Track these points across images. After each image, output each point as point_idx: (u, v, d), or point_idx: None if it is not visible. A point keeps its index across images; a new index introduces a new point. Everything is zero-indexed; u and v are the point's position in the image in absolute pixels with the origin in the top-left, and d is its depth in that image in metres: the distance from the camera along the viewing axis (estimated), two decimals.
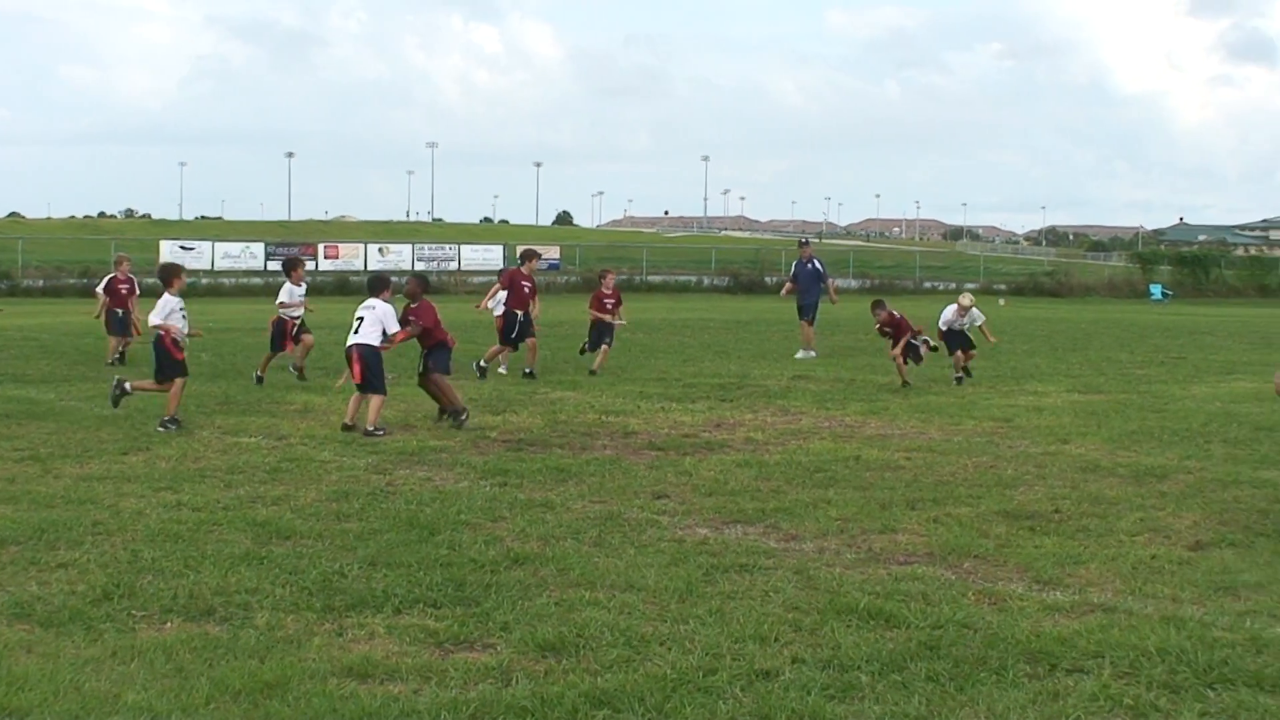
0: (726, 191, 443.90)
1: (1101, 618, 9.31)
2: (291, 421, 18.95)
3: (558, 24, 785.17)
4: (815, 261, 33.25)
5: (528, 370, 26.01)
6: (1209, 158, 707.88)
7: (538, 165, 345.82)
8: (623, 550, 11.26)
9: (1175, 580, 10.38)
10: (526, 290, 26.62)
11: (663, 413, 20.45)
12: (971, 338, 26.04)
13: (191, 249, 79.86)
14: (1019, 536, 11.94)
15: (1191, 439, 18.03)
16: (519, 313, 26.29)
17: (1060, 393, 23.71)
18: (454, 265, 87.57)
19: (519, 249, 31.57)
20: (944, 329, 25.77)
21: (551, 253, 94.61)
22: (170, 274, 19.59)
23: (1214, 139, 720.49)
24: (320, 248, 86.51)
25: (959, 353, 25.57)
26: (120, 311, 29.27)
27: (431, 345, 19.76)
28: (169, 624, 9.06)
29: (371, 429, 17.73)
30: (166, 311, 18.84)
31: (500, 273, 30.74)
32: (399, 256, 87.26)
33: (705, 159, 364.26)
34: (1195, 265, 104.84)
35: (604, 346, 27.07)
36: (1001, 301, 71.25)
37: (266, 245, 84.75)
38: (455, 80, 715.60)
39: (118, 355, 28.73)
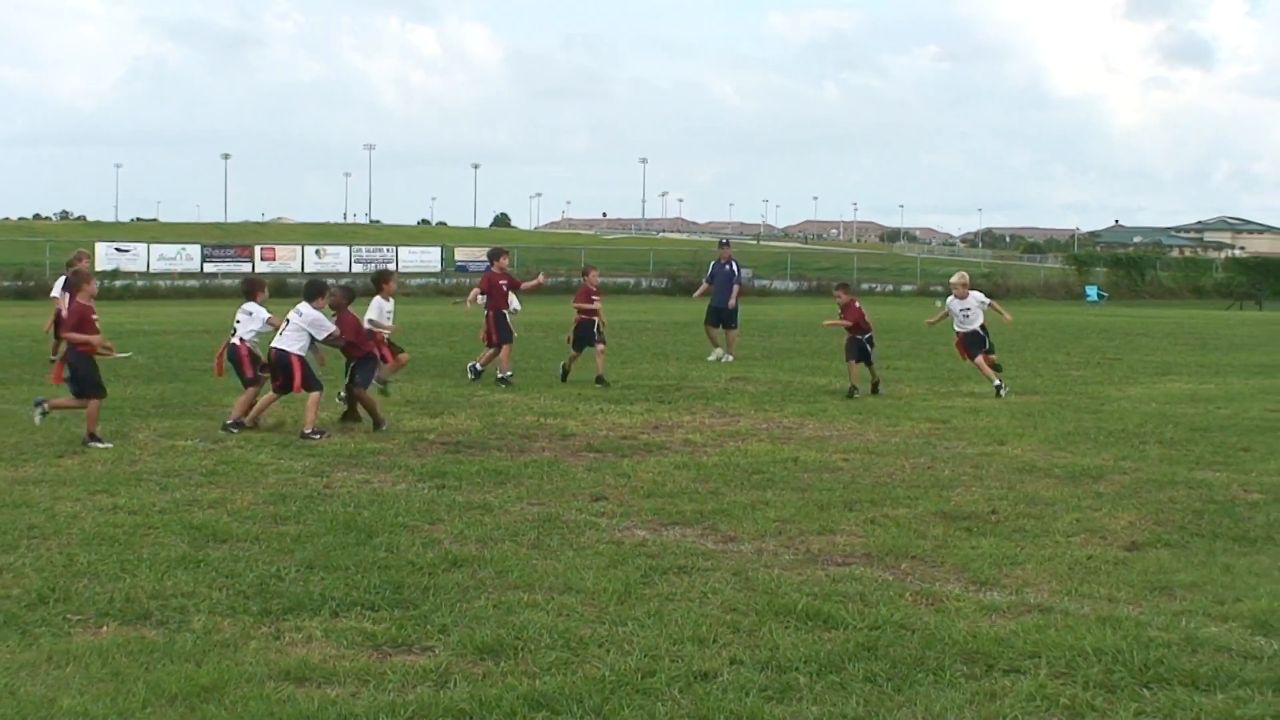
0: (665, 194, 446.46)
1: (1038, 618, 9.35)
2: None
3: (495, 25, 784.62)
4: (733, 264, 32.91)
5: (506, 374, 25.29)
6: (1144, 160, 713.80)
7: (475, 167, 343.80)
8: (561, 552, 11.25)
9: (1111, 580, 10.44)
10: (504, 288, 25.99)
11: (601, 415, 20.44)
12: (985, 334, 24.96)
13: (127, 251, 79.46)
14: (956, 537, 11.99)
15: (1127, 440, 18.14)
16: (506, 312, 25.63)
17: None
18: (392, 267, 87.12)
19: (489, 249, 30.71)
20: (958, 330, 24.99)
21: None
22: (255, 287, 19.84)
23: (1149, 141, 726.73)
24: (257, 250, 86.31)
25: (979, 358, 24.42)
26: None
27: (358, 357, 19.39)
28: (105, 628, 9.00)
29: (309, 431, 17.64)
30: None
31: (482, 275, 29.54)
32: (336, 259, 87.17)
33: (643, 161, 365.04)
34: (1130, 267, 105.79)
35: (600, 346, 25.71)
36: (938, 304, 71.41)
37: (203, 247, 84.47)
38: (393, 82, 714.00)
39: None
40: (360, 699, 7.61)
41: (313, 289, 19.39)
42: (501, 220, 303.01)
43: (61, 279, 28.42)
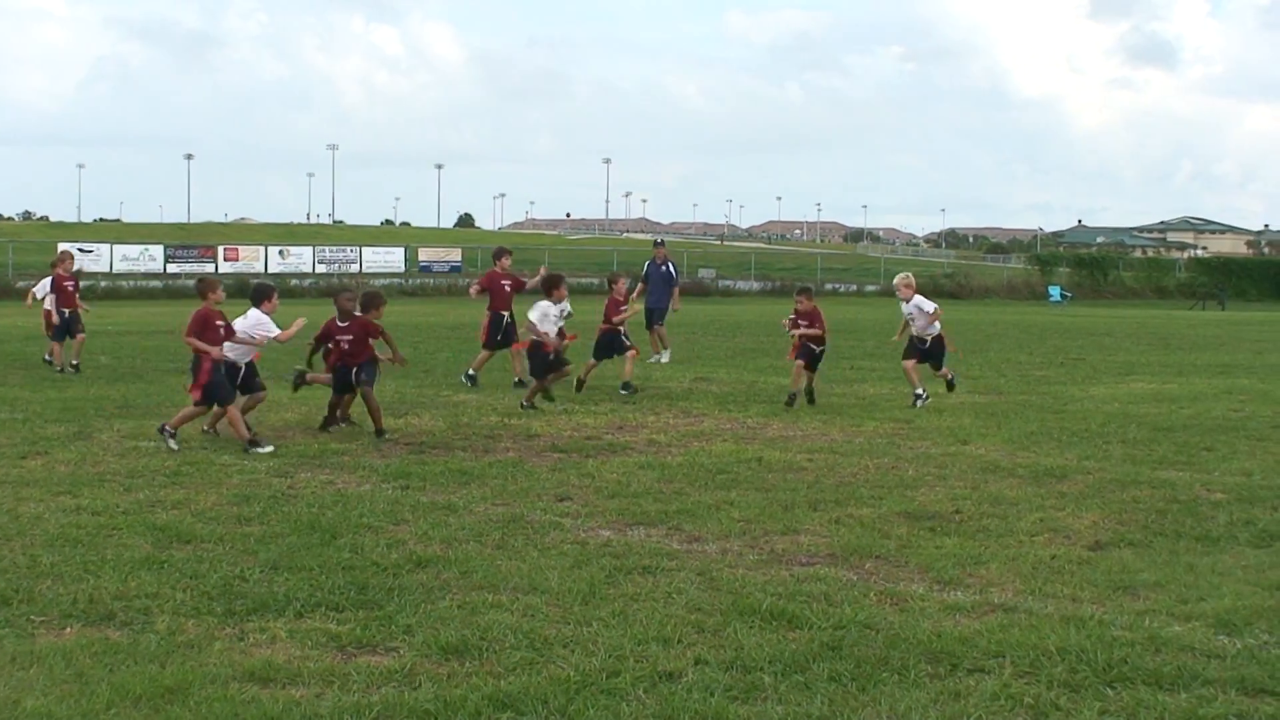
0: (628, 194, 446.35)
1: (1002, 617, 9.38)
2: (192, 424, 18.75)
3: (459, 26, 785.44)
4: (669, 264, 32.57)
5: (518, 380, 24.61)
6: (1107, 160, 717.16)
7: (439, 167, 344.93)
8: (526, 553, 11.24)
9: (1075, 580, 10.47)
10: (508, 290, 25.35)
11: (565, 415, 20.43)
12: (925, 344, 22.92)
13: (90, 251, 78.97)
14: (920, 537, 12.01)
15: (1090, 440, 18.20)
16: (504, 315, 25.08)
17: (961, 394, 23.85)
18: (355, 268, 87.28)
19: (494, 248, 29.31)
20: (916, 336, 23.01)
21: (453, 255, 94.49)
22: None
23: (1112, 142, 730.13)
24: (220, 250, 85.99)
25: (908, 363, 22.71)
26: (67, 312, 27.22)
27: (360, 362, 18.80)
28: (69, 629, 8.96)
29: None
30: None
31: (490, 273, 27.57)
32: (299, 259, 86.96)
33: (607, 161, 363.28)
34: (1093, 267, 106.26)
35: (631, 352, 24.06)
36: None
37: (166, 248, 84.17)
38: (356, 82, 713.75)
39: (74, 364, 26.82)
40: (325, 700, 7.59)
41: (259, 292, 18.97)
42: (465, 221, 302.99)
43: (47, 280, 28.11)
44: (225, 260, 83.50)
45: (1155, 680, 8.03)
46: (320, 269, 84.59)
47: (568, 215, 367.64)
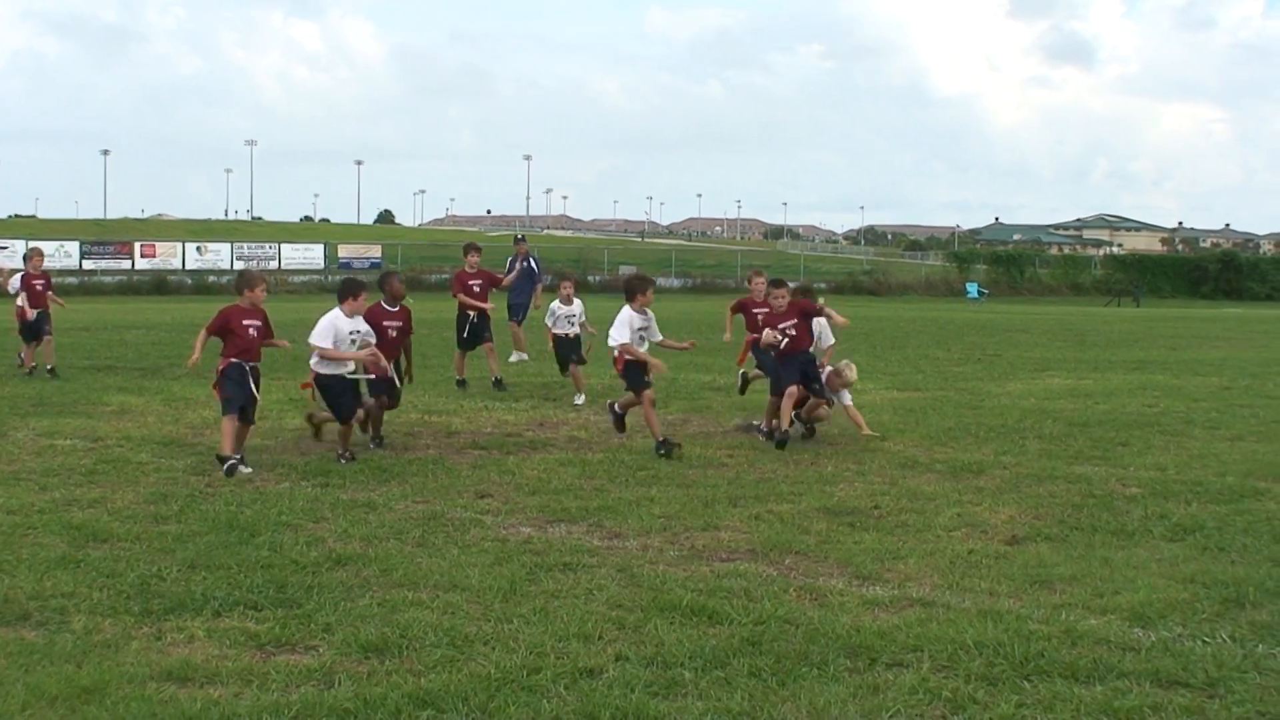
0: (549, 191, 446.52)
1: (920, 612, 9.43)
2: (108, 423, 18.64)
3: (380, 21, 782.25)
4: (531, 260, 32.02)
5: (495, 378, 23.93)
6: (1025, 158, 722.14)
7: (359, 164, 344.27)
8: (446, 550, 11.22)
9: (992, 574, 10.54)
10: (477, 290, 24.34)
11: (485, 412, 20.41)
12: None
13: (5, 248, 78.20)
14: (839, 532, 12.06)
15: (1007, 435, 18.32)
16: (471, 314, 24.10)
17: (879, 390, 23.97)
18: (275, 264, 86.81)
19: (463, 243, 27.74)
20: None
21: (373, 252, 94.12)
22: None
23: (1030, 139, 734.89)
24: (137, 246, 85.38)
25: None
26: (35, 313, 26.05)
27: (395, 355, 17.47)
28: None
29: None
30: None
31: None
32: (218, 256, 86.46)
33: (528, 158, 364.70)
34: (1010, 264, 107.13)
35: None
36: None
37: (82, 244, 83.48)
38: (275, 77, 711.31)
39: (33, 366, 25.92)
40: (243, 699, 7.55)
41: (346, 288, 16.59)
42: (385, 217, 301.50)
43: (17, 277, 27.19)
44: (142, 257, 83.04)
45: (1071, 673, 8.10)
46: (239, 265, 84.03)
47: (488, 212, 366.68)
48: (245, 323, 15.63)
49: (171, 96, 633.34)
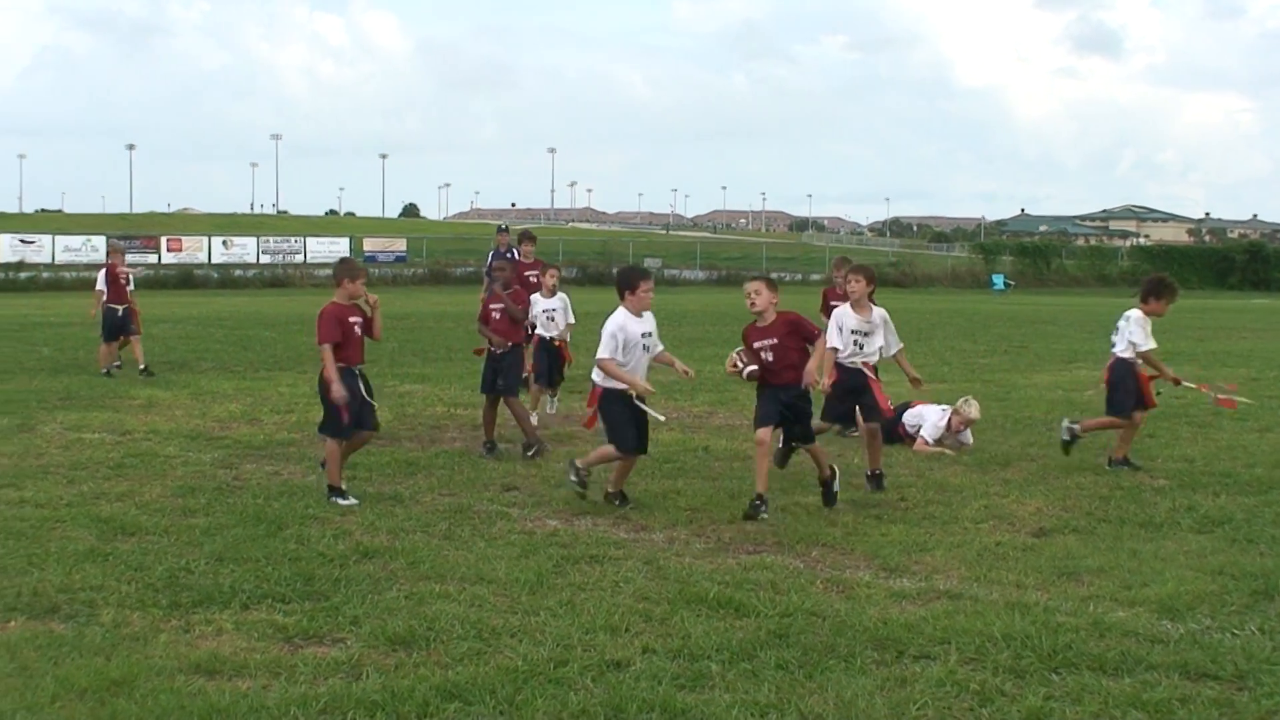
0: (574, 183, 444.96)
1: (947, 604, 9.42)
2: (135, 416, 18.68)
3: (404, 15, 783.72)
4: (514, 251, 31.32)
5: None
6: (1051, 149, 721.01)
7: (384, 157, 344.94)
8: (473, 543, 11.23)
9: (1019, 566, 10.52)
10: (534, 280, 21.56)
11: None
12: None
13: (32, 242, 78.63)
14: (866, 525, 12.05)
15: (1034, 427, 18.29)
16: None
17: (905, 382, 23.86)
18: (300, 258, 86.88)
19: (520, 231, 26.21)
20: None
21: (398, 245, 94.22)
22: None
23: (1056, 130, 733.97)
24: (163, 240, 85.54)
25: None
26: (120, 309, 25.33)
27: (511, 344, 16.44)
28: (13, 622, 8.90)
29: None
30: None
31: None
32: (244, 250, 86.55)
33: (552, 151, 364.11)
34: (1036, 255, 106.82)
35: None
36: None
37: (108, 238, 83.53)
38: (300, 71, 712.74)
39: (117, 364, 25.31)
40: (271, 692, 7.57)
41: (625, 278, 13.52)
42: (410, 210, 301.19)
43: (102, 272, 26.48)
44: (169, 251, 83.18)
45: (1099, 665, 8.08)
46: (264, 259, 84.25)
47: (513, 205, 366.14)
48: (351, 320, 13.50)
49: (196, 91, 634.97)
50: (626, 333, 13.06)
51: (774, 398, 12.99)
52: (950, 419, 16.97)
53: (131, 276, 26.48)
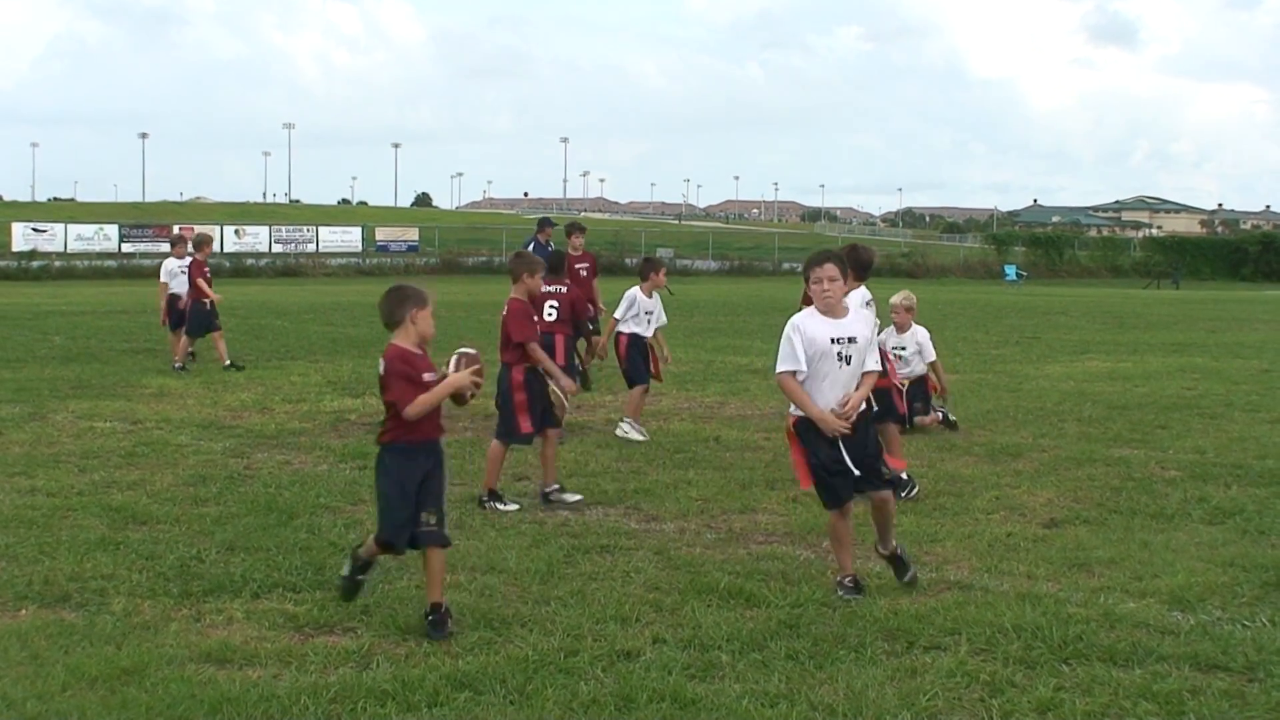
0: (586, 173, 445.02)
1: (958, 595, 9.42)
2: (147, 405, 18.70)
3: (418, 4, 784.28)
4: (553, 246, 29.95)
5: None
6: (1064, 140, 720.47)
7: (396, 146, 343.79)
8: (483, 532, 11.25)
9: (1030, 557, 10.52)
10: (584, 275, 21.52)
11: None
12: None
13: (44, 231, 78.61)
14: None
15: (1045, 418, 18.26)
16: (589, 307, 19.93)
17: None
18: (312, 247, 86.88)
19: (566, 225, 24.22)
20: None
21: (410, 234, 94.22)
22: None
23: (1070, 121, 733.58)
24: (175, 229, 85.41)
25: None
26: (207, 303, 23.94)
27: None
28: (24, 611, 8.93)
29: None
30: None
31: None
32: (256, 239, 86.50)
33: (564, 140, 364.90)
34: (1049, 246, 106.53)
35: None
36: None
37: (120, 227, 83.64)
38: (313, 60, 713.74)
39: (192, 352, 24.35)
40: (282, 681, 7.58)
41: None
42: (422, 200, 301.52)
43: (172, 262, 25.42)
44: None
45: (1110, 656, 8.08)
46: (277, 248, 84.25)
47: (525, 195, 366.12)
48: (535, 319, 13.28)
49: (210, 79, 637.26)
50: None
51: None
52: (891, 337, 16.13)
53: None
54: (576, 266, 20.87)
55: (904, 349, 16.68)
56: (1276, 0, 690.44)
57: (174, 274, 24.90)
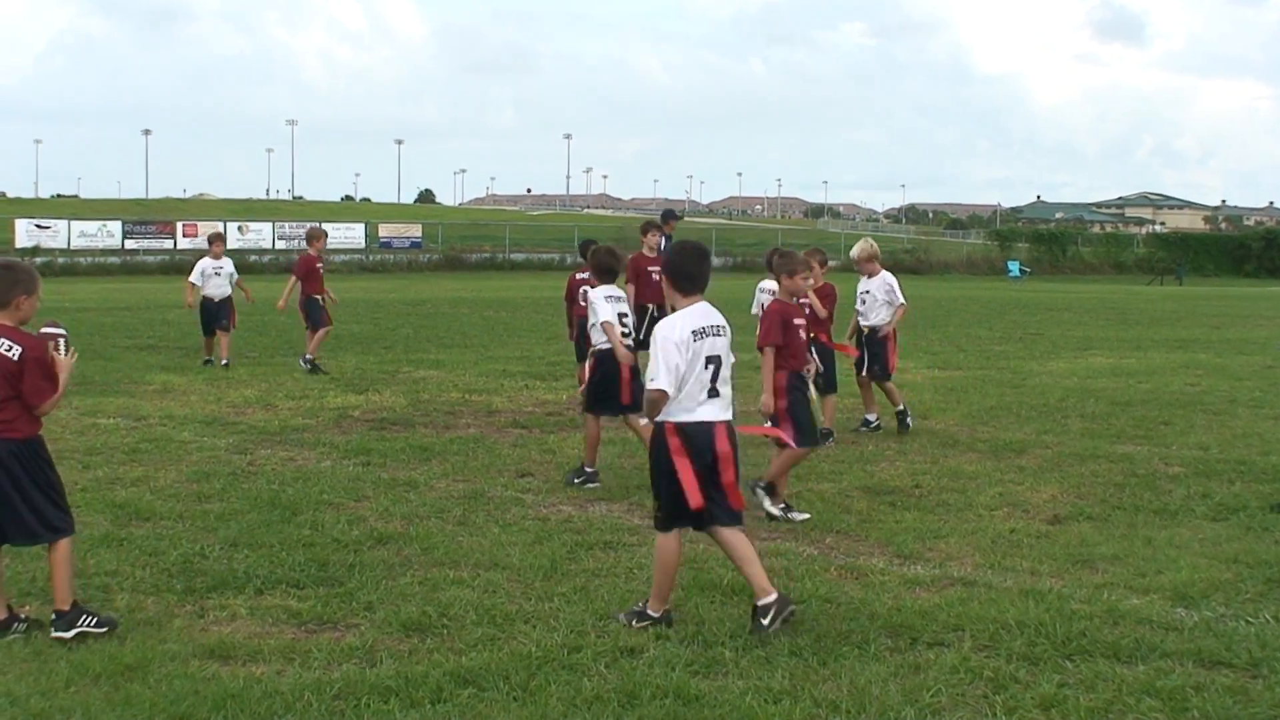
0: (589, 170, 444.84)
1: (961, 591, 9.41)
2: (151, 401, 18.71)
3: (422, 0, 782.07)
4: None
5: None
6: (1068, 135, 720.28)
7: (399, 143, 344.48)
8: (487, 529, 11.24)
9: (1033, 554, 10.51)
10: (657, 278, 16.43)
11: (526, 391, 20.41)
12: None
13: (48, 228, 78.58)
14: (880, 511, 12.04)
15: (1049, 414, 18.26)
16: (651, 307, 17.99)
17: (920, 369, 23.91)
18: None
19: (640, 223, 21.54)
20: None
21: (414, 231, 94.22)
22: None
23: (1074, 117, 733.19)
24: (179, 226, 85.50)
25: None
26: (320, 298, 23.02)
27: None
28: (27, 607, 8.92)
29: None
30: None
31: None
32: (259, 235, 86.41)
33: (568, 137, 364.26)
34: (1052, 243, 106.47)
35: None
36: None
37: (124, 224, 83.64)
38: (316, 56, 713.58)
39: (308, 359, 22.74)
40: (285, 677, 7.57)
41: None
42: (426, 197, 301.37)
43: (207, 262, 24.47)
44: (184, 236, 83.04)
45: (1113, 653, 8.07)
46: (280, 245, 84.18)
47: (528, 191, 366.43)
48: (796, 322, 12.22)
49: (213, 76, 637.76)
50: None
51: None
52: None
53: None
54: (649, 269, 18.44)
55: (867, 291, 18.18)
56: None
57: (208, 275, 24.02)
